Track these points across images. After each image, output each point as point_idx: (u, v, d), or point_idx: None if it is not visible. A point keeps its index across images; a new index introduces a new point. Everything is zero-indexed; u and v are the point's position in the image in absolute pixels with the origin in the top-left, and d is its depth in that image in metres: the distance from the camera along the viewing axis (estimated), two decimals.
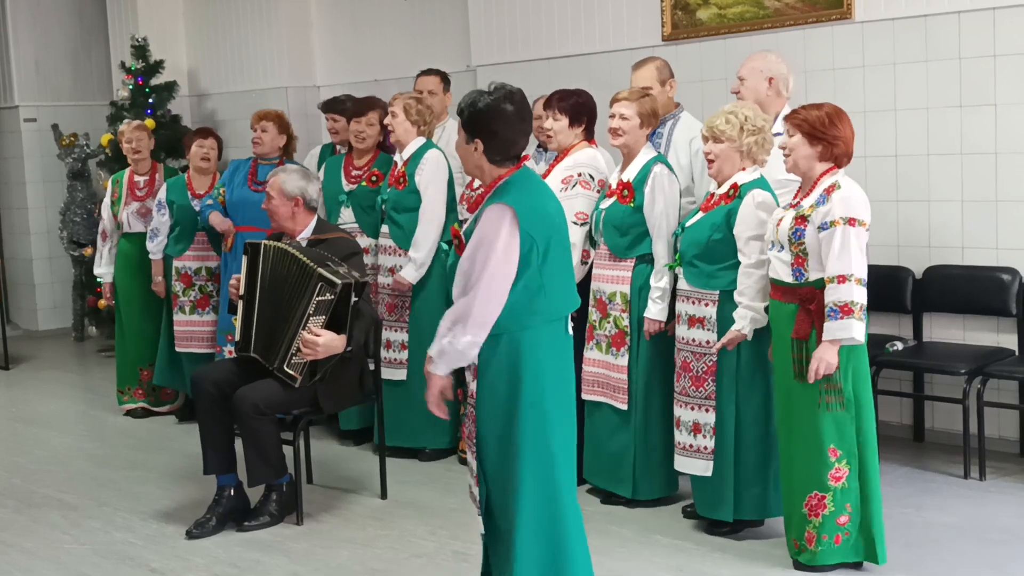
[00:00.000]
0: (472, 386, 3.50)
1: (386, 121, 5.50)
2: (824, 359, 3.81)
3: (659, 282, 4.56)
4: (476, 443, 3.47)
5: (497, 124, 3.40)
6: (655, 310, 4.57)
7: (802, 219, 3.87)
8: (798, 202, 3.96)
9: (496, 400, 3.41)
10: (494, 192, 3.43)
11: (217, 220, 6.05)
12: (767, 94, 4.69)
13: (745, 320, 4.15)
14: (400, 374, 5.50)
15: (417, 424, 5.45)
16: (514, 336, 3.37)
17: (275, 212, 4.83)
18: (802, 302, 3.88)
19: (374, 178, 5.72)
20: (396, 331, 5.51)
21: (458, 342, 3.32)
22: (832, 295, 3.76)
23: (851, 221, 3.75)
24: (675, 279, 4.51)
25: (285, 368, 4.58)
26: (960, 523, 4.50)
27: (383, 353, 5.48)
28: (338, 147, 6.38)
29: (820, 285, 3.83)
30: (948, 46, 5.28)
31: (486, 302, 3.30)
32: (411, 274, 5.36)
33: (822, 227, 3.79)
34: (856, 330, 3.75)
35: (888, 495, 4.76)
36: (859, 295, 3.75)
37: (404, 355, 5.50)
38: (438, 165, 5.40)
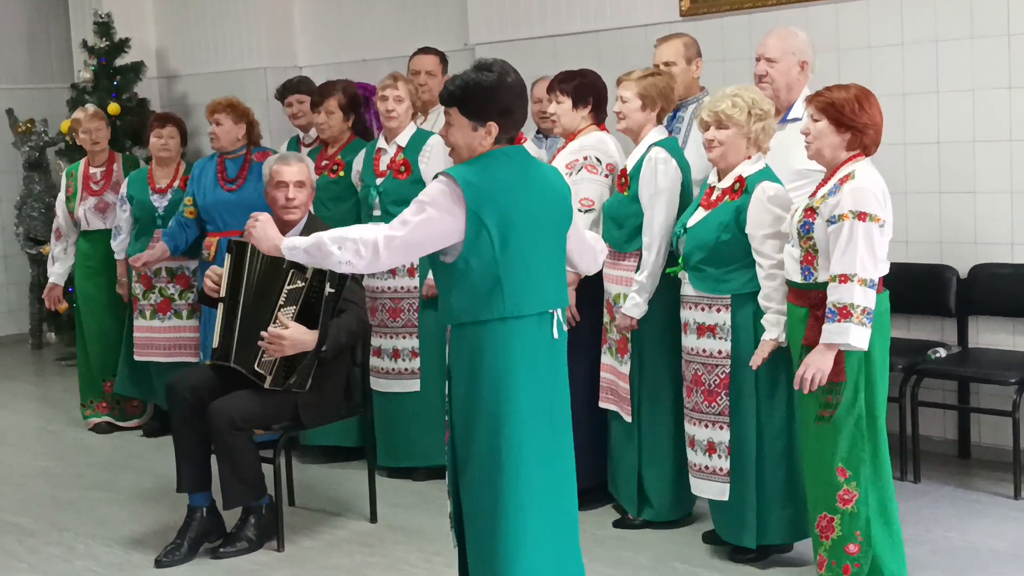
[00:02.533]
0: (445, 388, 3.54)
1: (388, 107, 5.45)
2: (814, 365, 3.78)
3: (640, 275, 4.54)
4: (448, 449, 3.53)
5: (510, 101, 3.41)
6: (629, 304, 4.56)
7: (811, 211, 3.85)
8: (816, 192, 3.94)
9: (461, 400, 3.46)
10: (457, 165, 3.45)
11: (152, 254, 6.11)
12: (797, 78, 4.68)
13: (779, 327, 4.11)
14: (412, 385, 5.48)
15: (430, 442, 5.42)
16: (475, 330, 3.41)
17: (302, 204, 4.81)
18: (812, 307, 3.86)
19: (335, 167, 5.72)
20: (404, 338, 5.48)
21: (335, 248, 3.37)
22: (832, 295, 3.75)
23: (861, 216, 3.72)
24: (679, 284, 4.47)
25: (255, 368, 4.58)
26: (1011, 548, 4.49)
27: (390, 363, 5.49)
28: (302, 135, 6.35)
29: None
30: (996, 21, 5.27)
31: (388, 242, 3.36)
32: None
33: (831, 221, 3.78)
34: (854, 335, 3.71)
35: (929, 518, 4.76)
36: (861, 297, 3.71)
37: (416, 363, 5.47)
38: (446, 154, 5.38)
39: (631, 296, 4.57)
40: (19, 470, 6.07)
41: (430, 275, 5.37)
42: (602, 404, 4.87)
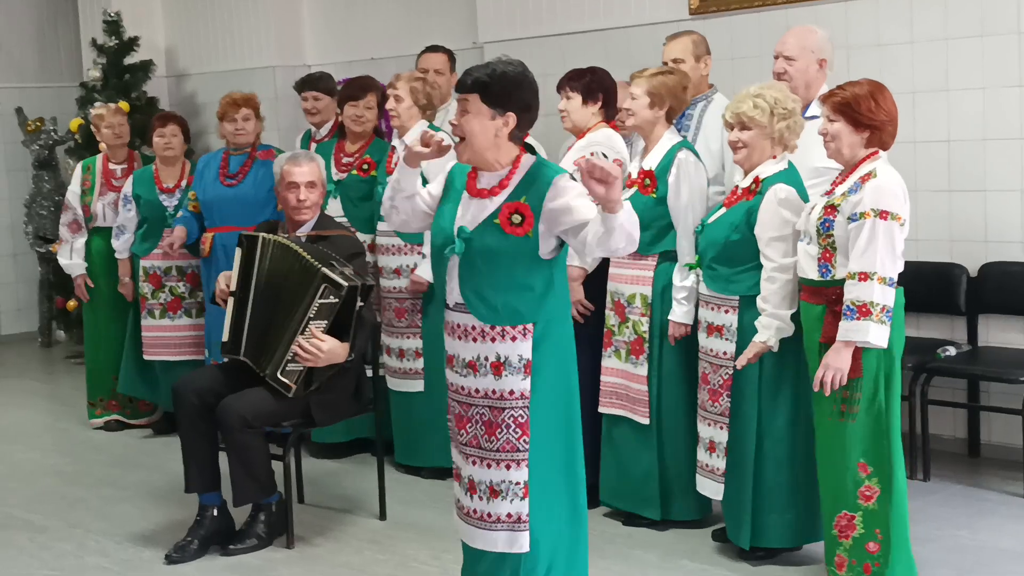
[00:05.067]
0: (523, 385, 3.45)
1: (388, 105, 5.49)
2: (833, 365, 3.78)
3: (684, 281, 4.54)
4: (529, 452, 3.48)
5: (530, 97, 3.48)
6: (680, 312, 4.55)
7: (832, 208, 3.85)
8: (833, 189, 3.94)
9: (557, 398, 3.50)
10: (537, 167, 3.48)
11: (175, 235, 6.12)
12: (816, 76, 4.68)
13: (770, 330, 4.11)
14: (416, 385, 5.51)
15: (434, 441, 5.42)
16: (565, 325, 3.52)
17: (313, 205, 4.85)
18: (830, 303, 3.86)
19: (365, 166, 5.73)
20: (409, 338, 5.51)
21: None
22: (851, 292, 3.75)
23: (882, 214, 3.73)
24: (698, 281, 4.49)
25: (279, 376, 4.59)
26: (1020, 547, 4.50)
27: (396, 363, 5.52)
28: (314, 130, 6.37)
29: None
30: (1006, 19, 5.28)
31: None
32: (428, 272, 5.21)
33: (852, 218, 3.78)
34: (873, 333, 3.72)
35: (939, 516, 4.77)
36: (881, 295, 3.72)
37: (420, 363, 5.49)
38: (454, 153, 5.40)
39: (679, 304, 4.54)
40: (29, 467, 6.10)
41: (418, 272, 5.34)
42: (604, 409, 4.81)
